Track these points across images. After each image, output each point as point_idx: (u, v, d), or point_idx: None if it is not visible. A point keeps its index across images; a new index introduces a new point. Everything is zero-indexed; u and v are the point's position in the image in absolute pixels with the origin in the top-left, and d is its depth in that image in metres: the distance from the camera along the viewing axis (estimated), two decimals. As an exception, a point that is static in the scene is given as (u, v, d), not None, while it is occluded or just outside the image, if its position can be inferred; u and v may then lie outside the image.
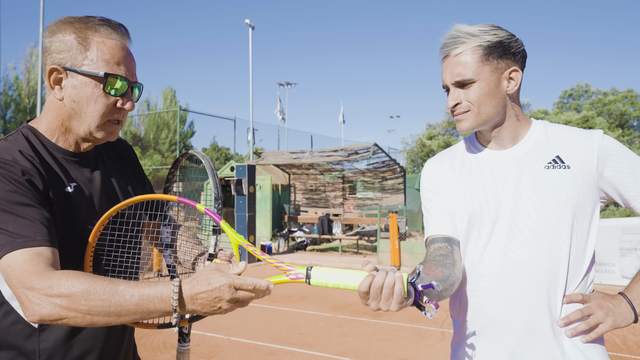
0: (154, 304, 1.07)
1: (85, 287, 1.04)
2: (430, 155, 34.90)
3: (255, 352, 5.17)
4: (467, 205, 1.47)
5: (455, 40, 1.41)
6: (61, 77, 1.24)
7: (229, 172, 16.43)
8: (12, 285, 1.07)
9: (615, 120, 40.43)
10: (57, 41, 1.23)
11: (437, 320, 6.57)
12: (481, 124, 1.44)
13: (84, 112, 1.25)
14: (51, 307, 1.04)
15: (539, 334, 1.36)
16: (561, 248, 1.36)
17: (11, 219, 1.09)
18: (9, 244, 1.07)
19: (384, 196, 15.35)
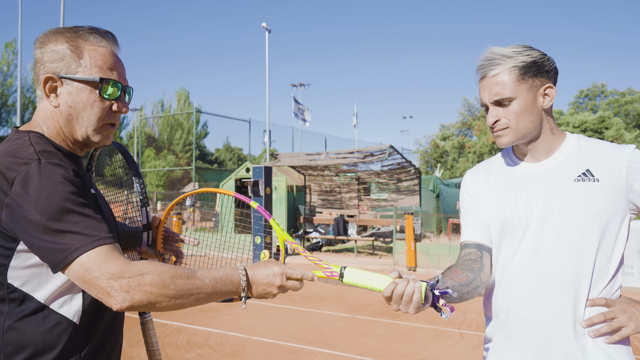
0: (226, 286, 1.25)
1: (171, 274, 1.16)
2: (443, 156, 34.81)
3: (278, 351, 5.29)
4: (500, 214, 1.58)
5: (492, 62, 1.52)
6: (56, 85, 1.28)
7: (245, 173, 16.60)
8: (93, 279, 1.10)
9: (633, 120, 39.90)
10: (49, 51, 1.28)
11: (455, 322, 6.63)
12: (520, 138, 1.54)
13: (81, 117, 1.29)
14: (142, 294, 1.12)
15: (562, 333, 1.46)
16: (586, 256, 1.46)
17: (81, 219, 1.13)
18: (85, 244, 1.11)
19: (399, 197, 15.41)
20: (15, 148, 1.19)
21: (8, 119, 47.36)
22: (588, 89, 43.62)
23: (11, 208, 1.12)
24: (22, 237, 1.14)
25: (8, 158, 1.16)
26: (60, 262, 1.12)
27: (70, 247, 1.11)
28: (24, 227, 1.12)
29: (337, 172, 16.53)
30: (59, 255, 1.11)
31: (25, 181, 1.12)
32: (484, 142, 30.77)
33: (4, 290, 1.18)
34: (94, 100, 1.29)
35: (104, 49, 1.32)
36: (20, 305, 1.18)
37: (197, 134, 50.40)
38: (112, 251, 1.14)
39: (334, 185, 17.00)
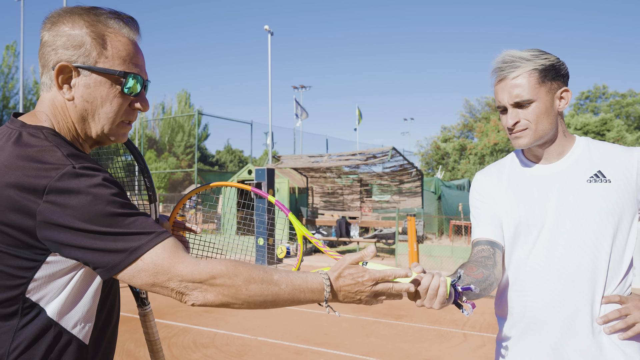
0: (305, 294, 1.16)
1: (244, 277, 1.09)
2: (444, 158, 34.84)
3: (283, 351, 5.34)
4: (513, 214, 1.62)
5: (511, 64, 1.55)
6: (70, 76, 1.13)
7: (247, 176, 16.66)
8: (163, 281, 1.05)
9: (634, 122, 39.94)
10: (63, 35, 1.12)
11: (458, 322, 6.67)
12: (537, 140, 1.58)
13: (97, 113, 1.16)
14: (214, 295, 1.08)
15: (579, 330, 1.50)
16: (601, 254, 1.50)
17: (133, 219, 1.05)
18: (149, 242, 1.04)
19: (401, 199, 15.46)
20: (36, 153, 1.04)
21: (10, 122, 47.39)
22: (589, 90, 43.64)
23: (48, 216, 1.00)
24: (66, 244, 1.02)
25: (32, 164, 1.01)
26: (119, 263, 1.03)
27: (130, 246, 1.03)
28: (69, 233, 1.01)
29: (339, 174, 16.58)
30: (117, 257, 1.02)
31: (61, 187, 1.00)
32: (485, 144, 30.81)
33: (19, 304, 1.06)
34: (114, 95, 1.16)
35: (126, 38, 1.18)
36: (30, 322, 1.07)
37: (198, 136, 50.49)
38: (176, 247, 1.07)
39: (336, 187, 17.05)
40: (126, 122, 1.22)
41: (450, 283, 1.31)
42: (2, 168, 1.02)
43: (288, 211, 1.50)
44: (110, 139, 1.21)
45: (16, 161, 1.02)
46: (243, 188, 1.56)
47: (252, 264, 1.14)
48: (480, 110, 43.24)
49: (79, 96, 1.14)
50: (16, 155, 1.03)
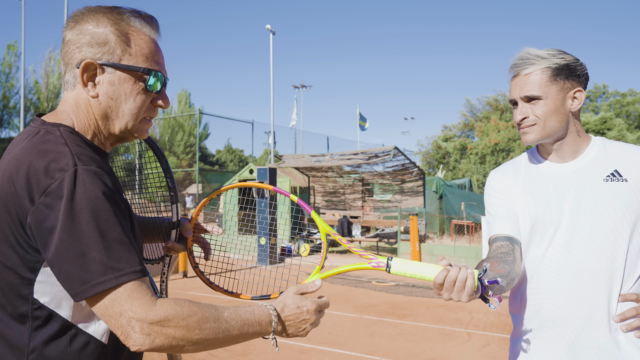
0: (253, 328, 1.14)
1: (198, 317, 1.05)
2: (445, 157, 34.84)
3: (288, 350, 5.34)
4: (530, 212, 1.63)
5: (526, 61, 1.58)
6: (95, 73, 1.14)
7: (248, 175, 16.67)
8: (114, 315, 1.00)
9: (634, 121, 39.96)
10: (87, 33, 1.13)
11: (462, 322, 6.68)
12: (545, 137, 1.59)
13: (121, 109, 1.17)
14: (163, 338, 1.02)
15: (596, 328, 1.51)
16: (618, 252, 1.51)
17: (112, 245, 1.01)
18: (110, 279, 0.99)
19: (403, 198, 15.47)
20: (48, 148, 1.04)
21: (10, 121, 47.46)
22: (589, 90, 43.65)
23: (36, 219, 0.99)
24: (43, 254, 1.01)
25: (40, 160, 1.01)
26: (80, 293, 1.00)
27: (93, 279, 0.99)
28: (48, 244, 0.99)
29: (341, 174, 16.59)
30: (79, 286, 0.99)
31: (58, 191, 0.99)
32: (485, 144, 30.82)
33: (28, 306, 1.05)
34: (138, 92, 1.17)
35: (148, 37, 1.20)
36: (45, 325, 1.06)
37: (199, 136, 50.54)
38: (139, 288, 1.02)
39: (338, 186, 17.07)
40: (148, 119, 1.23)
41: (477, 276, 1.29)
42: (13, 161, 1.04)
43: (311, 209, 1.50)
44: (133, 135, 1.22)
45: (27, 156, 1.03)
46: (265, 188, 1.55)
47: (203, 303, 1.10)
48: (481, 109, 43.25)
49: (103, 93, 1.15)
50: (29, 149, 1.04)
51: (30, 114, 47.36)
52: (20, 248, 1.03)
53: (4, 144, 45.85)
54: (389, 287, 9.39)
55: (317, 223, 1.47)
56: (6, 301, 1.07)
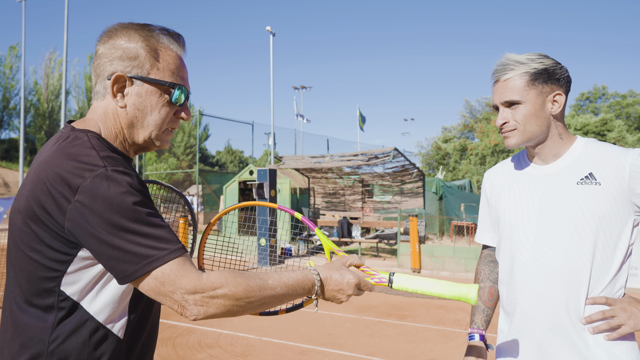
0: (296, 292, 1.23)
1: (244, 287, 1.14)
2: (445, 158, 34.85)
3: (288, 351, 5.36)
4: (508, 212, 1.70)
5: (505, 67, 1.61)
6: (124, 85, 1.22)
7: (248, 176, 16.68)
8: (168, 292, 1.09)
9: (634, 122, 39.94)
10: (119, 48, 1.22)
11: (462, 323, 6.69)
12: (526, 140, 1.62)
13: (146, 120, 1.25)
14: (215, 307, 1.11)
15: (562, 329, 1.55)
16: (584, 255, 1.52)
17: (151, 230, 1.09)
18: (159, 257, 1.08)
19: (403, 200, 15.48)
20: (77, 151, 1.12)
21: (10, 122, 47.48)
22: (589, 91, 43.67)
23: (76, 216, 1.06)
24: (88, 247, 1.09)
25: (70, 162, 1.09)
26: (131, 274, 1.08)
27: (143, 259, 1.08)
28: (91, 237, 1.07)
29: (341, 175, 16.60)
30: (131, 267, 1.07)
31: (91, 189, 1.06)
32: (485, 144, 30.82)
33: (55, 297, 1.12)
34: (163, 104, 1.25)
35: (175, 53, 1.28)
36: (68, 316, 1.13)
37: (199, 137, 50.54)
38: (185, 263, 1.11)
39: (338, 187, 17.08)
40: (170, 129, 1.31)
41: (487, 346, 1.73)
42: (44, 163, 1.12)
43: (315, 226, 1.54)
44: (155, 144, 1.29)
45: (57, 158, 1.11)
46: (270, 207, 1.61)
47: (249, 272, 1.20)
48: (481, 110, 43.26)
49: (130, 104, 1.23)
50: (58, 152, 1.12)
51: (30, 115, 47.39)
52: (54, 244, 1.10)
53: (4, 145, 45.86)
54: (389, 288, 9.40)
55: (321, 241, 1.51)
56: (33, 293, 1.13)
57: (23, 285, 1.14)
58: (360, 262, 1.38)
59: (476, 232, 1.92)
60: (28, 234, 1.12)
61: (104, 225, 1.06)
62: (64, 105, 22.64)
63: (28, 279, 1.13)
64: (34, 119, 48.38)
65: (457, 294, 1.34)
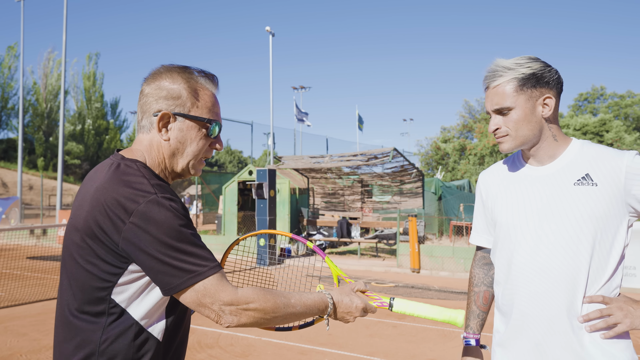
0: (312, 312, 1.42)
1: (271, 303, 1.31)
2: (444, 158, 34.88)
3: (288, 351, 5.36)
4: (505, 213, 1.70)
5: (494, 74, 1.63)
6: (168, 121, 1.38)
7: (248, 176, 16.68)
8: (208, 303, 1.26)
9: (632, 123, 40.00)
10: (164, 88, 1.38)
11: (461, 323, 6.71)
12: (519, 145, 1.64)
13: (186, 151, 1.41)
14: (246, 318, 1.29)
15: (560, 328, 1.56)
16: (582, 255, 1.54)
17: (195, 249, 1.26)
18: (200, 273, 1.25)
19: (402, 200, 15.49)
20: (131, 179, 1.28)
21: (8, 122, 47.39)
22: (587, 92, 43.76)
23: (130, 235, 1.22)
24: (139, 262, 1.24)
25: (125, 188, 1.25)
26: (176, 286, 1.24)
27: (187, 274, 1.24)
28: (143, 254, 1.22)
29: (340, 175, 16.61)
30: (176, 281, 1.24)
31: (145, 213, 1.22)
32: (484, 145, 30.85)
33: (106, 304, 1.27)
34: (200, 137, 1.41)
35: (211, 92, 1.45)
36: (116, 320, 1.28)
37: (198, 137, 50.26)
38: (222, 278, 1.28)
39: (337, 187, 17.08)
40: (204, 159, 1.47)
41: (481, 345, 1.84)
42: (101, 188, 1.28)
43: (325, 255, 1.70)
44: (190, 172, 1.46)
45: (113, 184, 1.27)
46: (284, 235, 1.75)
47: (275, 290, 1.38)
48: (480, 110, 43.31)
49: (173, 137, 1.40)
50: (114, 179, 1.28)
51: (28, 115, 47.31)
52: (108, 259, 1.25)
53: (2, 145, 45.77)
54: (389, 288, 9.42)
55: (330, 268, 1.68)
56: (86, 301, 1.29)
57: (77, 294, 1.29)
58: (365, 288, 1.56)
59: (471, 234, 1.92)
60: (85, 249, 1.27)
61: (155, 244, 1.21)
62: (63, 105, 22.61)
63: (82, 288, 1.28)
64: (33, 119, 48.32)
65: (447, 318, 1.56)
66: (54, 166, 45.13)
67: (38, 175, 39.99)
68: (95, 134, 51.33)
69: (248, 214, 18.08)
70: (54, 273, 11.00)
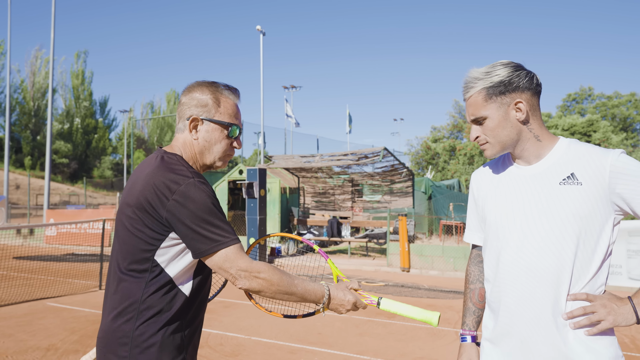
0: (311, 296, 1.69)
1: (277, 277, 1.60)
2: (435, 158, 35.04)
3: (277, 350, 5.35)
4: (494, 212, 1.73)
5: (467, 85, 1.69)
6: (197, 124, 1.72)
7: (238, 175, 16.63)
8: (227, 267, 1.57)
9: (619, 123, 40.46)
10: (195, 99, 1.73)
11: (450, 321, 6.74)
12: (501, 150, 1.69)
13: (212, 148, 1.75)
14: (256, 283, 1.58)
15: (545, 325, 1.58)
16: (567, 253, 1.56)
17: (222, 223, 1.58)
18: (226, 242, 1.57)
19: (392, 199, 15.53)
20: (174, 167, 1.61)
21: (-5, 120, 46.80)
22: (576, 92, 44.19)
23: (172, 209, 1.53)
24: (177, 231, 1.56)
25: (170, 174, 1.58)
26: (205, 251, 1.55)
27: (214, 242, 1.55)
28: (181, 224, 1.53)
29: (331, 174, 16.61)
30: (205, 246, 1.55)
31: (184, 192, 1.54)
32: (474, 145, 31.01)
33: (150, 264, 1.59)
34: (222, 138, 1.75)
35: (232, 101, 1.78)
36: (156, 277, 1.59)
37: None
38: (240, 249, 1.59)
39: (328, 187, 17.08)
40: (227, 155, 1.80)
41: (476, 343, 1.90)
42: (151, 173, 1.60)
43: (327, 257, 1.94)
44: (217, 165, 1.80)
45: (161, 170, 1.60)
46: (295, 238, 1.97)
47: (284, 271, 1.65)
48: (469, 111, 43.36)
49: (201, 137, 1.74)
50: (161, 167, 1.61)
51: (15, 113, 46.72)
52: (154, 227, 1.57)
53: (-11, 144, 45.13)
54: (378, 287, 9.43)
55: (331, 269, 1.93)
56: (134, 261, 1.60)
57: (126, 255, 1.61)
58: (358, 287, 1.81)
59: (465, 232, 1.96)
60: (136, 220, 1.59)
61: (191, 217, 1.53)
62: (51, 103, 22.36)
63: (131, 251, 1.60)
64: (20, 117, 47.75)
65: (423, 318, 1.76)
66: (42, 165, 44.64)
67: (25, 174, 39.52)
68: (83, 133, 50.86)
69: (238, 214, 18.03)
70: (41, 273, 10.88)
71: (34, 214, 28.73)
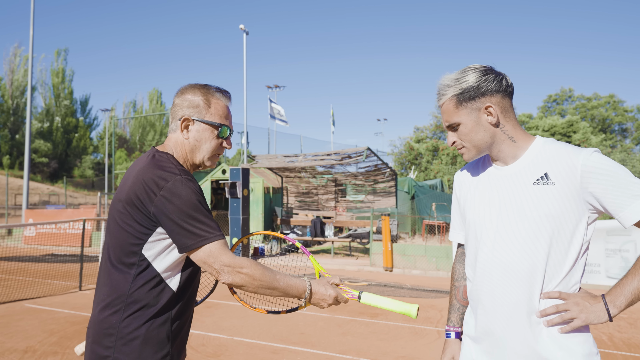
0: (293, 291, 1.73)
1: (259, 272, 1.65)
2: (418, 158, 35.26)
3: (260, 351, 5.33)
4: (473, 211, 1.77)
5: (439, 92, 1.72)
6: (189, 124, 1.77)
7: (221, 175, 16.52)
8: (211, 262, 1.60)
9: (598, 124, 41.20)
10: (187, 100, 1.78)
11: (432, 320, 6.79)
12: (477, 153, 1.72)
13: (202, 147, 1.80)
14: (239, 278, 1.63)
15: (518, 323, 1.61)
16: (540, 252, 1.59)
17: (206, 219, 1.61)
18: (210, 237, 1.60)
19: (376, 199, 15.59)
20: (163, 165, 1.66)
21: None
22: (556, 93, 44.89)
23: (159, 204, 1.58)
24: (164, 226, 1.60)
25: (159, 171, 1.63)
26: (190, 246, 1.59)
27: (199, 238, 1.59)
28: (168, 219, 1.58)
29: (314, 174, 16.61)
30: (190, 241, 1.59)
31: (172, 188, 1.59)
32: (456, 145, 31.18)
33: (137, 257, 1.63)
34: (212, 138, 1.80)
35: (223, 103, 1.83)
36: (144, 271, 1.63)
37: (171, 135, 49.41)
38: (224, 245, 1.64)
39: (311, 187, 17.08)
40: (216, 154, 1.85)
41: None
42: (142, 170, 1.65)
43: (309, 254, 1.98)
44: (206, 164, 1.84)
45: (150, 167, 1.65)
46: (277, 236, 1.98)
47: (267, 266, 1.70)
48: (452, 111, 43.68)
49: (192, 137, 1.79)
50: (151, 164, 1.66)
51: (-6, 112, 45.67)
52: (142, 221, 1.61)
53: (-34, 143, 44.09)
54: (361, 287, 9.46)
55: (313, 264, 1.97)
56: (122, 254, 1.64)
57: (116, 249, 1.65)
58: (339, 282, 1.85)
59: (450, 231, 2.00)
60: (125, 214, 1.63)
61: (177, 212, 1.58)
62: (30, 102, 21.97)
63: (120, 244, 1.64)
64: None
65: (403, 310, 1.81)
66: (20, 164, 43.81)
67: (3, 174, 38.74)
68: (64, 132, 50.04)
69: (221, 213, 17.92)
70: (19, 274, 10.68)
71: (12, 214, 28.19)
